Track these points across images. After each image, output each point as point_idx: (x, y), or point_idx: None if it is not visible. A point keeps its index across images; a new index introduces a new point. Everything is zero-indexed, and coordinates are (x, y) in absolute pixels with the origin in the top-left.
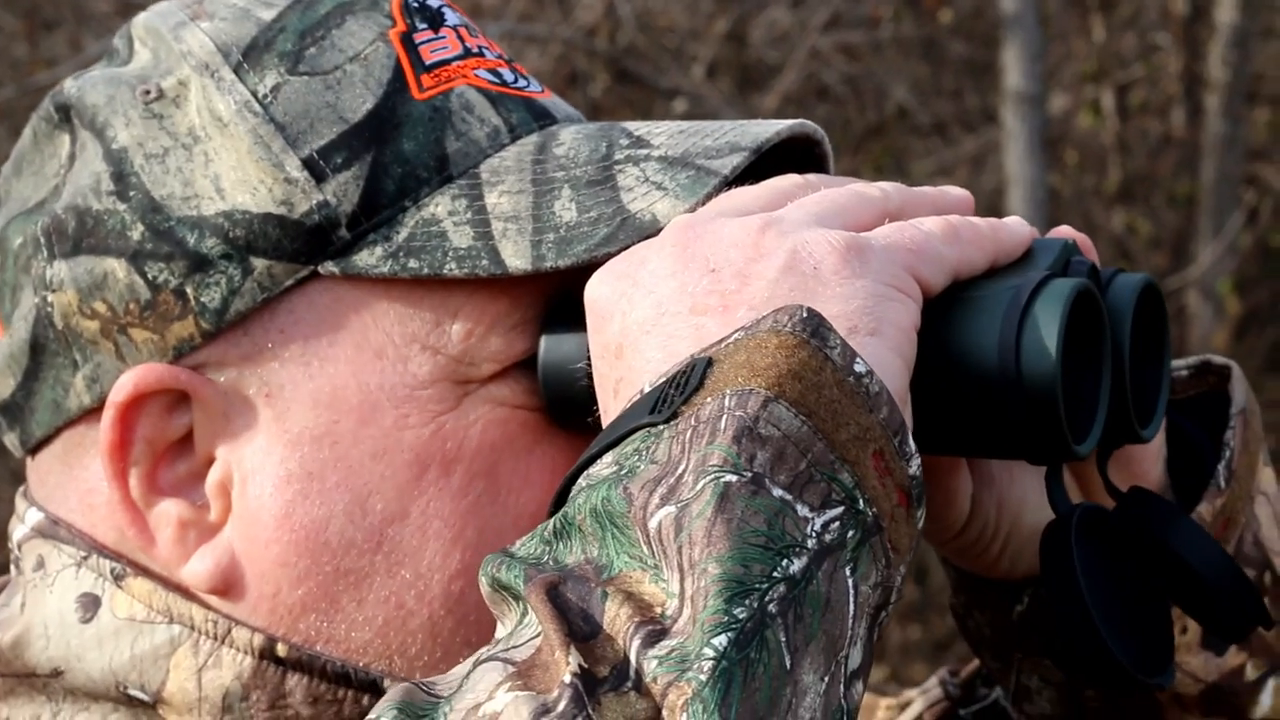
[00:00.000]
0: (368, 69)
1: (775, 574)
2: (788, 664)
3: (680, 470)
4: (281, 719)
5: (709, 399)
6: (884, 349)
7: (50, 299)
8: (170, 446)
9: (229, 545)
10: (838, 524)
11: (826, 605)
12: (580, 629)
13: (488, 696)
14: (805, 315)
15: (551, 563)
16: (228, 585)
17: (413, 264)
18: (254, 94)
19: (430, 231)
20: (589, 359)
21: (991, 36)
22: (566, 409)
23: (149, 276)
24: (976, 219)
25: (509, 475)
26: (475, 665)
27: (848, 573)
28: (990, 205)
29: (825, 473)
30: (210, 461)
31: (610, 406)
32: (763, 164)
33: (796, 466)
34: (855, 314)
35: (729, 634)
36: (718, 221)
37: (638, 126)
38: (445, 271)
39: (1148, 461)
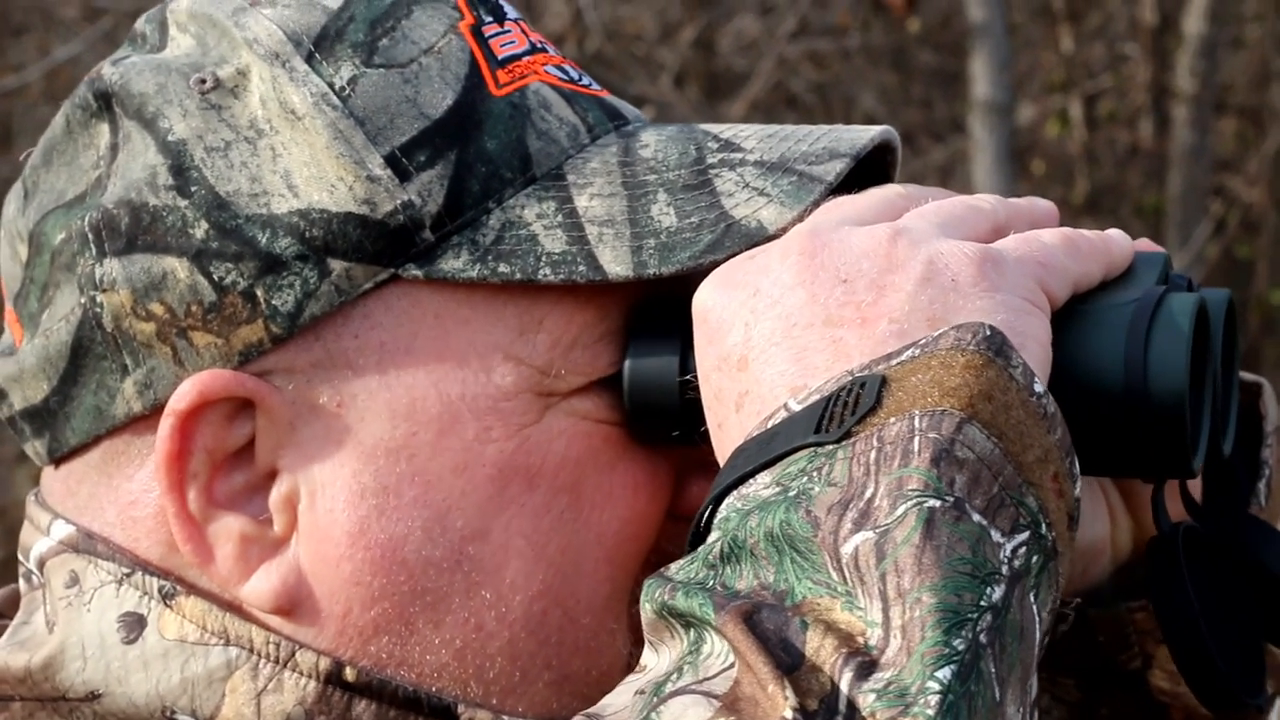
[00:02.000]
0: (443, 63)
1: (983, 603)
2: (998, 695)
3: (868, 494)
4: None
5: (892, 419)
6: (1031, 364)
7: (100, 299)
8: (228, 457)
9: (295, 562)
10: (1025, 549)
11: (1022, 634)
12: (783, 660)
13: None
14: (989, 333)
15: (720, 588)
16: (293, 605)
17: (503, 269)
18: (331, 86)
19: (520, 235)
20: (694, 372)
21: (960, 46)
22: (652, 423)
23: (214, 277)
24: (1089, 232)
25: (592, 491)
26: (655, 697)
27: (1033, 599)
28: None
29: (1015, 496)
30: (273, 473)
31: (730, 421)
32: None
33: (990, 490)
34: (1001, 328)
35: (952, 666)
36: (843, 230)
37: (721, 129)
38: (540, 277)
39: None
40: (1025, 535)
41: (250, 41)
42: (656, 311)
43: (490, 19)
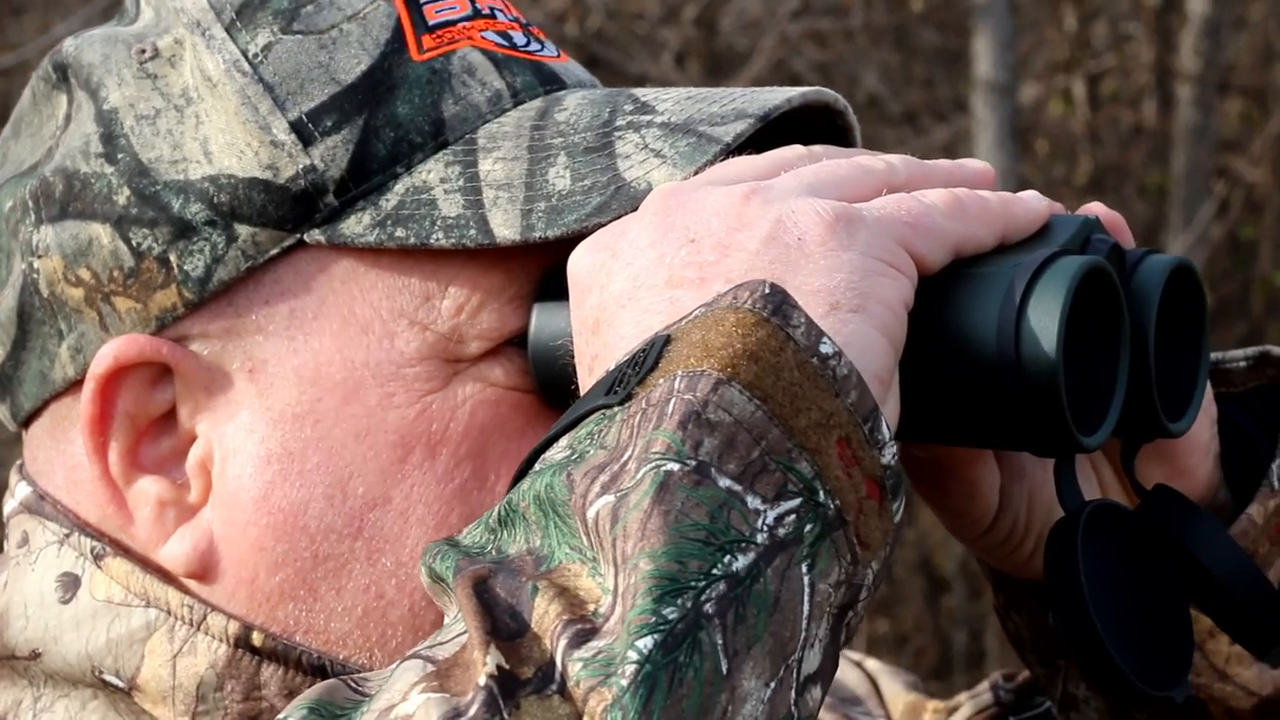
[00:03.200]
0: (365, 28)
1: (715, 571)
2: (724, 668)
3: (625, 457)
4: (255, 711)
5: (661, 380)
6: (867, 327)
7: (36, 265)
8: (154, 422)
9: (208, 527)
10: (794, 517)
11: (775, 605)
12: (506, 627)
13: (402, 697)
14: (768, 291)
15: (494, 552)
16: (205, 569)
17: (400, 233)
18: (244, 53)
19: (420, 199)
20: (571, 336)
21: (963, 25)
22: (557, 390)
23: (133, 243)
24: (987, 193)
25: (498, 460)
26: (401, 662)
27: (804, 570)
28: None
29: (781, 462)
30: (193, 438)
31: (586, 385)
32: (784, 137)
33: (748, 455)
34: (838, 289)
35: (655, 636)
36: (703, 190)
37: (646, 92)
38: (432, 241)
39: (1193, 457)
40: (795, 503)
41: (179, 10)
42: (561, 276)
43: None
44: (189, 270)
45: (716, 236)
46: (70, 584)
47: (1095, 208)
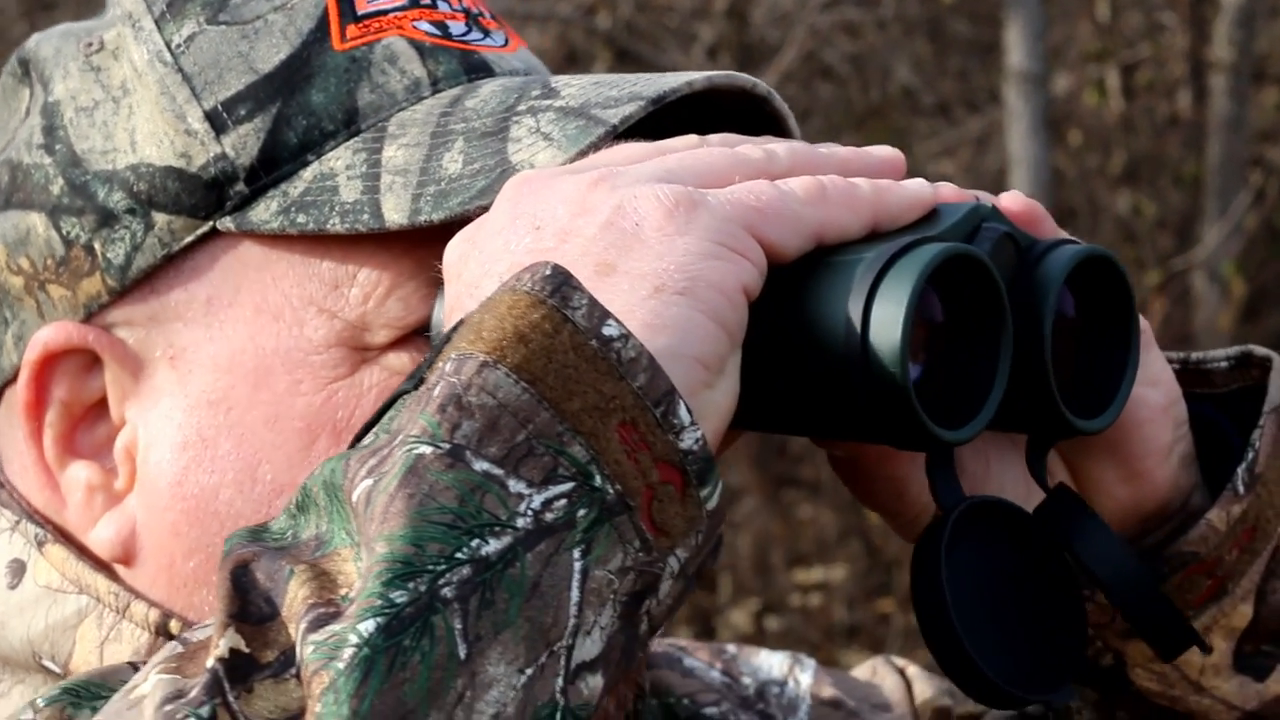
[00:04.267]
0: (290, 18)
1: (459, 555)
2: (461, 653)
3: (395, 442)
4: None
5: (439, 364)
6: (690, 310)
7: None
8: (89, 408)
9: (132, 513)
10: (564, 502)
11: (534, 591)
12: (259, 611)
13: (144, 677)
14: (548, 273)
15: (291, 538)
16: (129, 554)
17: (301, 219)
18: (168, 44)
19: (324, 186)
20: None
21: (995, 15)
22: None
23: (63, 231)
24: (860, 180)
25: None
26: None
27: (575, 555)
28: (994, 185)
29: (551, 445)
30: (123, 425)
31: None
32: (705, 123)
33: (513, 438)
34: (666, 272)
35: (379, 619)
36: (555, 177)
37: (562, 79)
38: (329, 227)
39: (1148, 459)
40: (566, 487)
41: (114, 4)
42: None
43: None
44: (111, 258)
45: (559, 223)
46: (18, 570)
47: (1003, 196)
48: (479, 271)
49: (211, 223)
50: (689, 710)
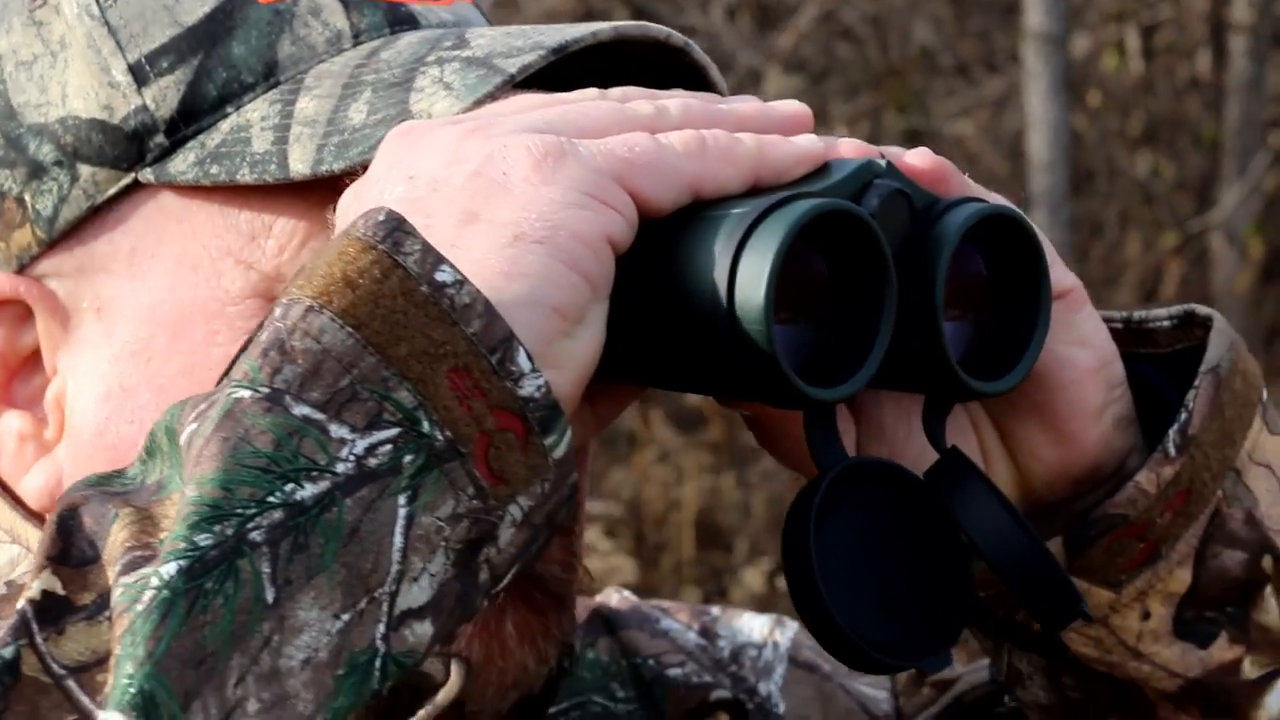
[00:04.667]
0: None
1: (271, 499)
2: (269, 597)
3: (221, 385)
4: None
5: (274, 308)
6: (547, 258)
7: None
8: (25, 359)
9: (60, 463)
10: (390, 447)
11: (352, 536)
12: (81, 554)
13: None
14: (382, 218)
15: (139, 483)
16: (56, 504)
17: (214, 170)
18: None
19: (238, 138)
20: None
21: None
22: None
23: None
24: (745, 135)
25: None
26: None
27: (401, 501)
28: (1013, 146)
29: (376, 391)
30: (55, 375)
31: None
32: (628, 76)
33: (336, 383)
34: (525, 221)
35: (181, 562)
36: (434, 127)
37: (481, 29)
38: (239, 178)
39: (1075, 421)
40: (392, 432)
41: None
42: None
43: None
44: (40, 210)
45: (431, 172)
46: None
47: (908, 154)
48: None
49: (133, 174)
50: (653, 670)
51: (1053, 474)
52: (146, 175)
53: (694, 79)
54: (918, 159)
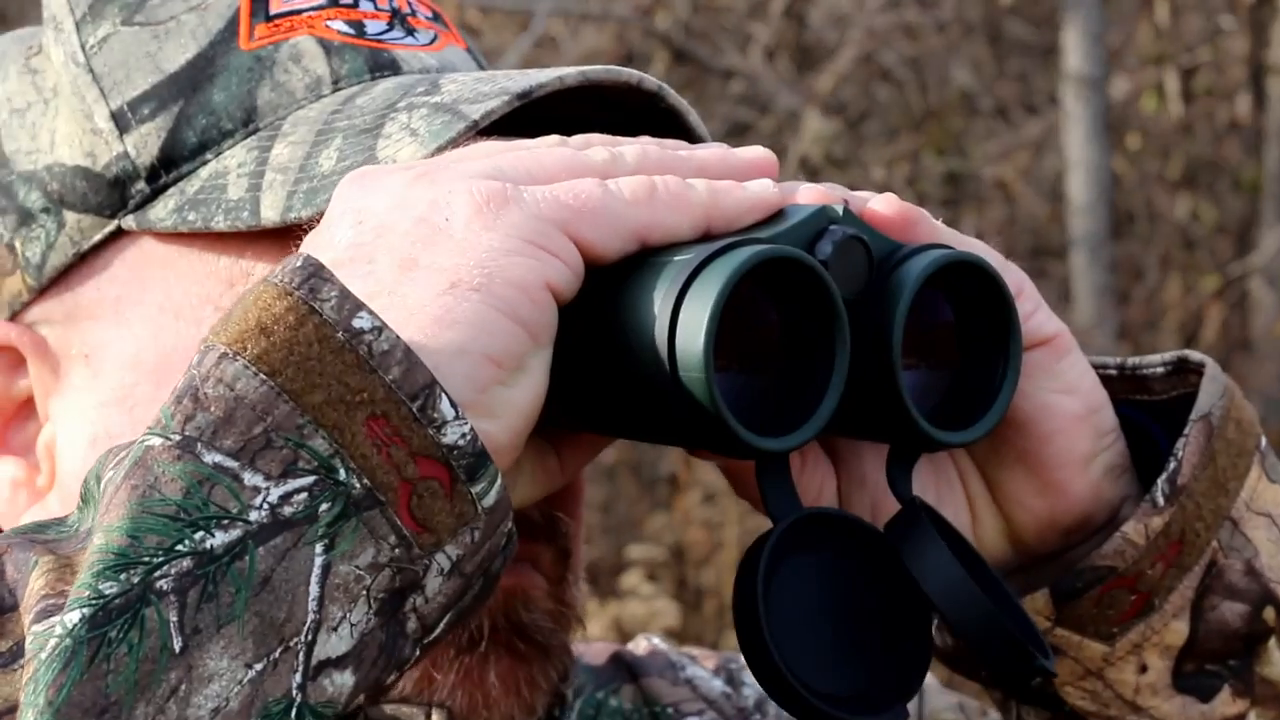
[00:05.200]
0: (202, 18)
1: (180, 547)
2: (176, 645)
3: (141, 433)
4: None
5: (195, 355)
6: (482, 305)
7: None
8: (20, 406)
9: (51, 510)
10: (305, 495)
11: (264, 584)
12: (5, 602)
13: None
14: (299, 264)
15: (73, 530)
16: None
17: (191, 217)
18: (83, 45)
19: (216, 184)
20: None
21: (1053, 18)
22: None
23: None
24: (698, 181)
25: None
26: None
27: (317, 550)
28: (1052, 188)
29: (290, 438)
30: (46, 422)
31: None
32: (607, 122)
33: (250, 430)
34: (463, 267)
35: (84, 610)
36: (387, 172)
37: (454, 76)
38: (213, 225)
39: (1062, 471)
40: (306, 481)
41: (45, 6)
42: None
43: None
44: (30, 256)
45: (378, 219)
46: None
47: (874, 199)
48: None
49: (117, 222)
50: (671, 718)
51: (1041, 524)
52: (129, 222)
53: (672, 123)
54: (882, 205)
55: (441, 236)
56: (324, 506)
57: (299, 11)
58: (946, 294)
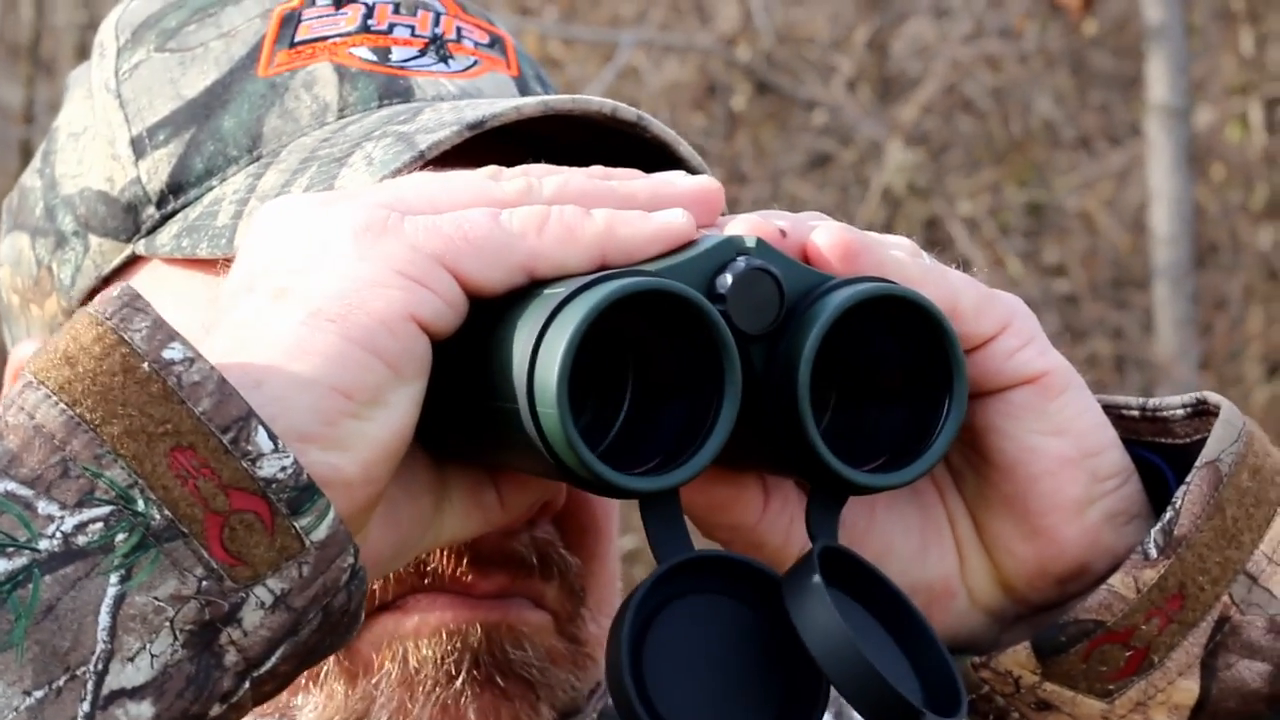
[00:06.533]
0: (228, 45)
1: None
2: None
3: None
4: None
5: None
6: (337, 337)
7: (1, 274)
8: None
9: None
10: (101, 525)
11: (47, 613)
12: None
13: None
14: (116, 294)
15: None
16: None
17: (185, 243)
18: (116, 71)
19: (211, 211)
20: None
21: (1137, 48)
22: None
23: (36, 252)
24: (599, 211)
25: None
26: None
27: (113, 580)
28: (1135, 220)
29: (88, 468)
30: None
31: None
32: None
33: (47, 459)
34: (326, 296)
35: None
36: (297, 201)
37: (444, 104)
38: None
39: (1050, 517)
40: (103, 510)
41: (97, 34)
42: None
43: (327, 2)
44: (63, 279)
45: (271, 247)
46: None
47: (817, 230)
48: (229, 290)
49: (131, 247)
50: None
51: (1030, 571)
52: (140, 247)
53: (664, 151)
54: (822, 236)
55: (315, 265)
56: (120, 536)
57: (325, 38)
58: (889, 329)
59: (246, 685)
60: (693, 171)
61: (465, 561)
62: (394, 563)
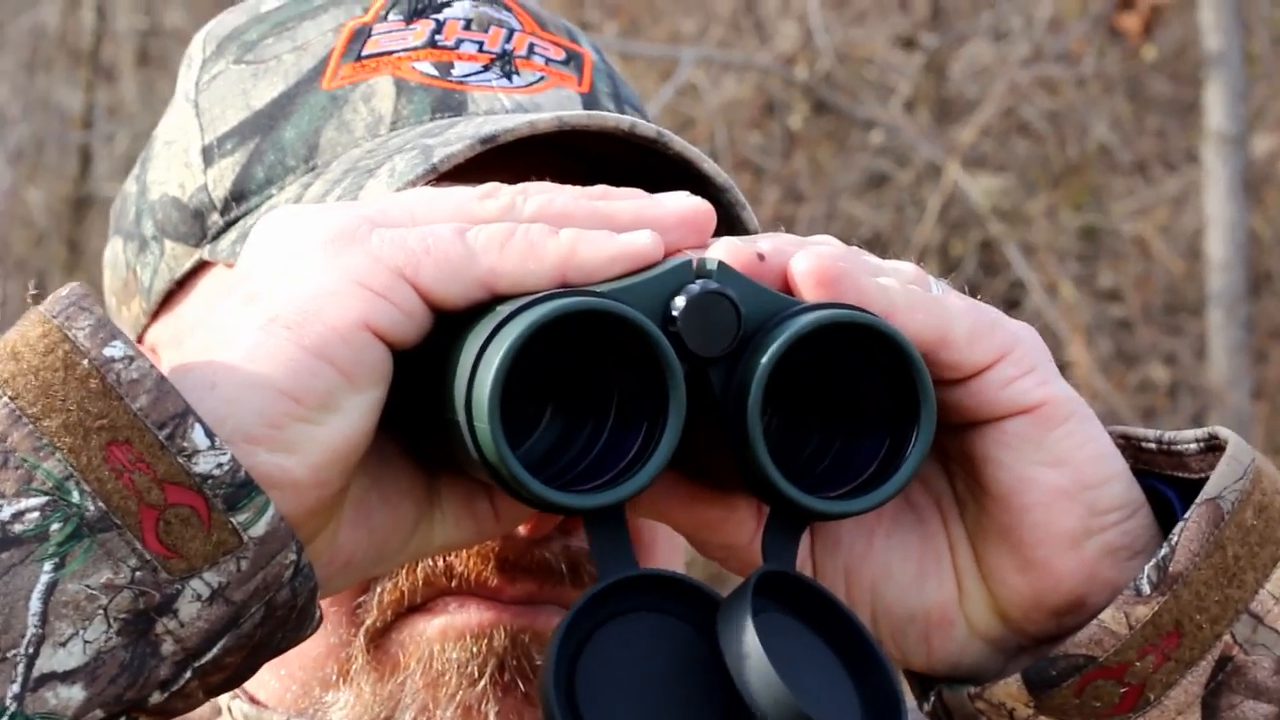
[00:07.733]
0: (299, 57)
1: None
2: None
3: None
4: None
5: None
6: (290, 343)
7: (105, 275)
8: None
9: None
10: (37, 514)
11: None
12: None
13: None
14: (65, 293)
15: None
16: None
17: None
18: (197, 83)
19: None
20: None
21: (1195, 75)
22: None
23: (126, 255)
24: (566, 231)
25: None
26: None
27: (46, 567)
28: (1190, 246)
29: (27, 460)
30: None
31: None
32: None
33: None
34: (286, 303)
35: None
36: (296, 211)
37: (478, 119)
38: None
39: (1043, 549)
40: (40, 500)
41: (190, 44)
42: None
43: (399, 17)
44: (144, 281)
45: (261, 254)
46: None
47: (797, 256)
48: (228, 294)
49: (199, 253)
50: None
51: (1025, 602)
52: (205, 252)
53: (685, 169)
54: (802, 260)
55: (284, 273)
56: (55, 526)
57: (390, 53)
58: (861, 357)
59: (189, 674)
60: (717, 189)
61: (490, 566)
62: (375, 567)
